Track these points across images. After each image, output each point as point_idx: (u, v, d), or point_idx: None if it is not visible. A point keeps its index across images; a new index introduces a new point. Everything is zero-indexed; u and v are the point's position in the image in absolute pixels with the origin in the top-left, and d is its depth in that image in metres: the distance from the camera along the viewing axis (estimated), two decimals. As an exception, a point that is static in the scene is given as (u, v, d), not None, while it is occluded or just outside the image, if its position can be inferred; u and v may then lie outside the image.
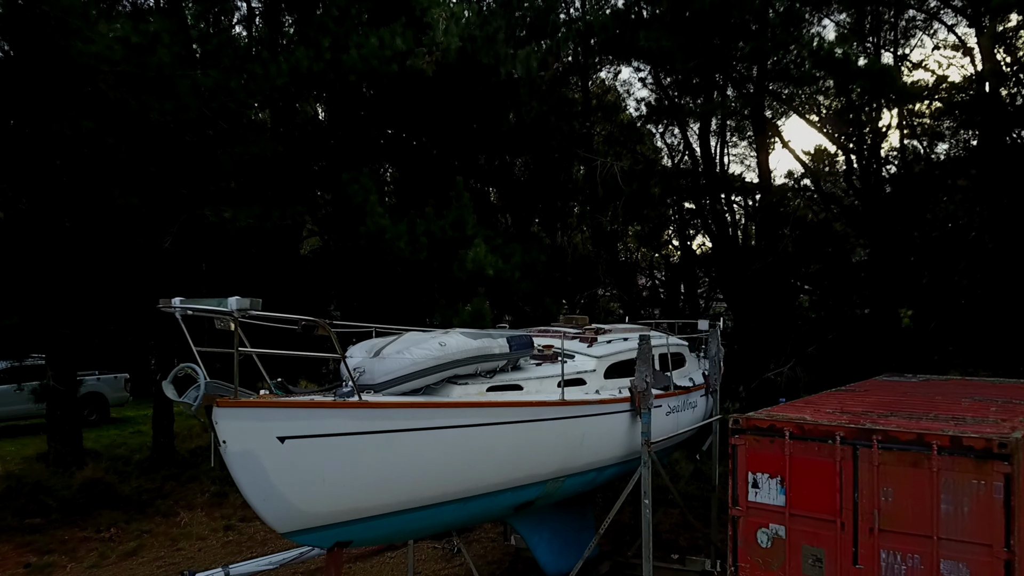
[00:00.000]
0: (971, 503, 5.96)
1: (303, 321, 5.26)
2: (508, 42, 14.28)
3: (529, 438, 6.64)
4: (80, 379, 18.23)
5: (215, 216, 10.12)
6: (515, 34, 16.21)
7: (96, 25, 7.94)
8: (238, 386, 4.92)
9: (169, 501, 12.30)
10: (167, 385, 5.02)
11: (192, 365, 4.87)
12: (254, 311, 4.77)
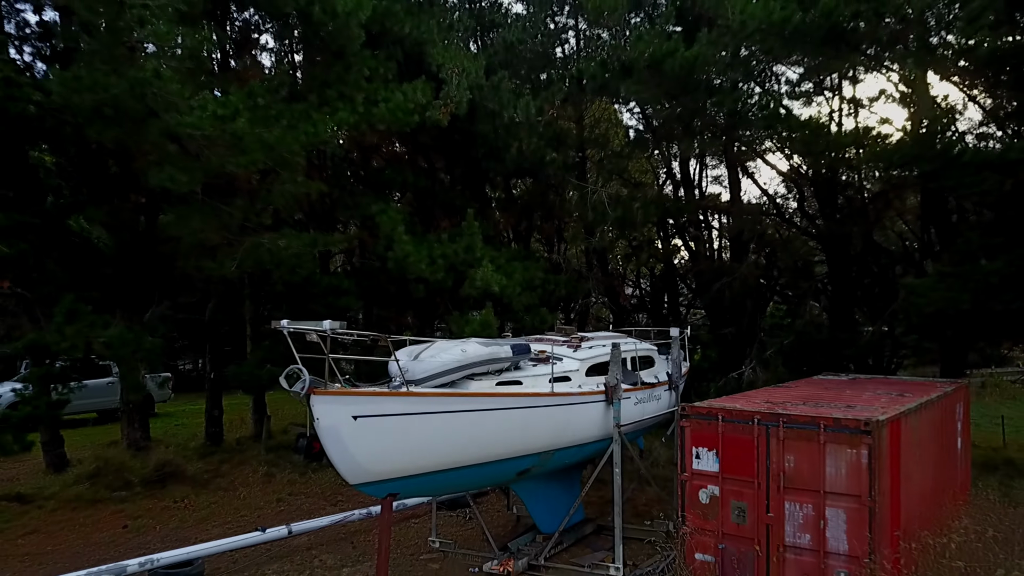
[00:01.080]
0: (846, 466, 8.04)
1: (371, 336, 7.37)
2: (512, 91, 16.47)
3: (527, 420, 8.74)
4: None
5: (272, 244, 12.24)
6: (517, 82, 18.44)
7: (191, 102, 10.09)
8: (327, 380, 7.02)
9: (227, 479, 14.43)
10: (282, 380, 7.07)
11: (299, 367, 6.95)
12: (340, 329, 6.88)
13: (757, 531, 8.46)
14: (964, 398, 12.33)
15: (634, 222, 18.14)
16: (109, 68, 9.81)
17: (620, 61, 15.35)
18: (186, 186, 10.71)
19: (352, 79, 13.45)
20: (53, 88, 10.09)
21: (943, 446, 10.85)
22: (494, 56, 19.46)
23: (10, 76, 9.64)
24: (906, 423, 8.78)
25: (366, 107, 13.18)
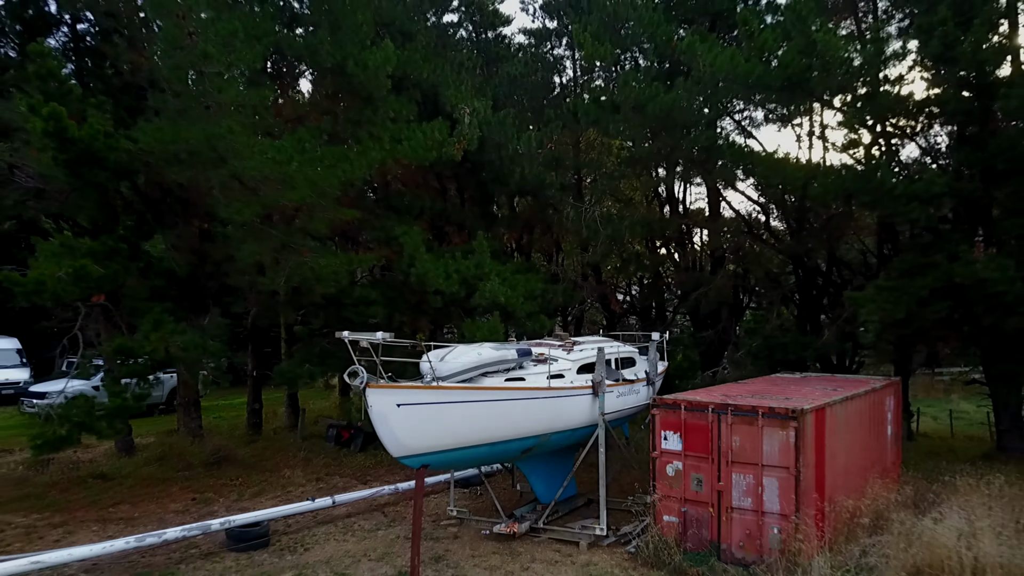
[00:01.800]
0: (778, 445, 10.08)
1: (411, 343, 9.44)
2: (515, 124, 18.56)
3: (529, 409, 10.81)
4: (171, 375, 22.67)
5: (314, 262, 14.32)
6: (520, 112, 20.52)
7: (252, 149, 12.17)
8: (379, 377, 9.09)
9: (271, 462, 16.52)
10: (346, 376, 9.11)
11: (358, 367, 9.00)
12: (388, 337, 8.94)
13: (711, 496, 10.52)
14: (895, 393, 14.39)
15: (623, 239, 20.22)
16: (189, 123, 11.89)
17: (611, 100, 17.43)
18: (247, 217, 12.77)
19: (380, 120, 15.53)
20: (141, 138, 12.17)
21: (871, 432, 12.91)
22: (499, 87, 21.61)
23: (109, 130, 11.68)
24: (831, 412, 10.83)
25: (392, 145, 15.23)
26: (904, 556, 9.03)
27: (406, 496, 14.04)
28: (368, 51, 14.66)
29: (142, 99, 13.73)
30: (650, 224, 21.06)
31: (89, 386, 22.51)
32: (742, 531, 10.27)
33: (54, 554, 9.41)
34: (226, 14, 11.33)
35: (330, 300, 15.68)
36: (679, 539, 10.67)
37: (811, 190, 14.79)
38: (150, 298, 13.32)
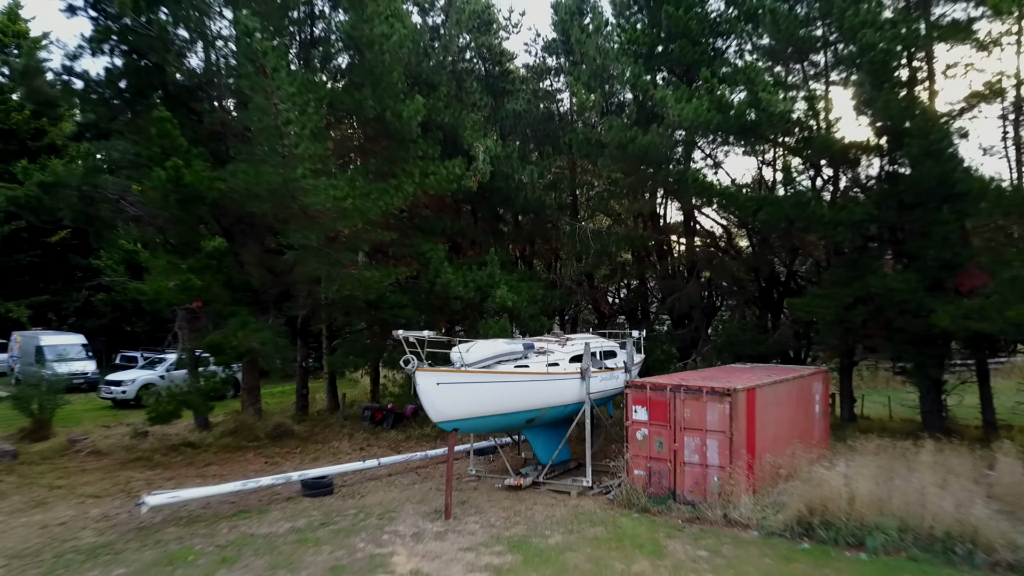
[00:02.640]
0: (718, 415, 13.15)
1: (447, 338, 12.54)
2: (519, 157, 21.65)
3: (532, 389, 13.90)
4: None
5: (360, 275, 17.42)
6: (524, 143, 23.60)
7: (318, 189, 15.26)
8: (424, 363, 12.20)
9: (321, 436, 19.63)
10: (402, 362, 12.19)
11: (410, 355, 12.07)
12: (432, 335, 12.04)
13: (669, 454, 13.61)
14: (823, 380, 17.48)
15: (611, 251, 23.31)
16: (269, 169, 15.01)
17: (598, 139, 20.52)
18: (312, 241, 15.87)
19: (411, 159, 18.63)
20: (230, 180, 15.28)
21: (799, 408, 15.97)
22: (505, 120, 24.74)
23: (209, 175, 14.78)
24: (760, 392, 13.89)
25: (421, 179, 18.35)
26: (805, 494, 12.11)
27: (433, 461, 17.14)
28: (402, 103, 17.76)
29: (220, 145, 16.86)
30: (634, 239, 24.14)
31: (156, 375, 25.85)
32: (692, 479, 13.36)
33: (197, 491, 12.60)
34: (301, 88, 14.42)
35: (370, 304, 18.81)
36: (645, 487, 13.75)
37: (760, 216, 17.84)
38: (232, 303, 16.43)
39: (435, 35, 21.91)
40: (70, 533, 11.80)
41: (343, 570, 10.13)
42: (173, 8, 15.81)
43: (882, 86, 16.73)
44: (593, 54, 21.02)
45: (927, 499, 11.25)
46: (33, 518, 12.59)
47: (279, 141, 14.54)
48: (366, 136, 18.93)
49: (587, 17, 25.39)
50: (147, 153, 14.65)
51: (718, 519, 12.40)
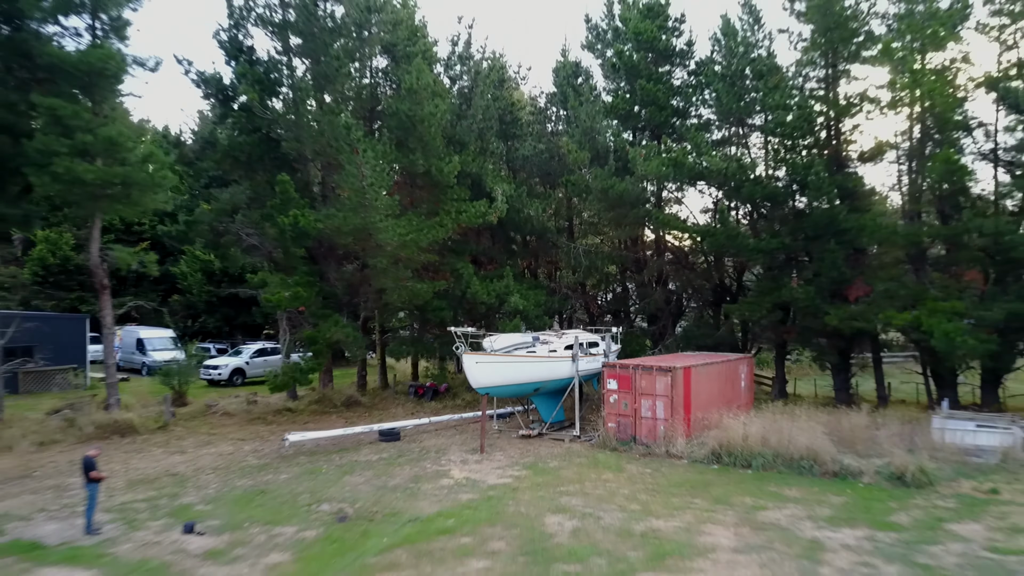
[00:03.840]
0: (663, 385, 18.51)
1: (484, 332, 18.01)
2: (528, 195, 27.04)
3: (538, 367, 19.34)
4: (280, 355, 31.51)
5: (414, 287, 22.84)
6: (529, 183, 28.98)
7: (388, 228, 20.71)
8: (466, 349, 17.64)
9: (380, 406, 25.00)
10: (455, 348, 17.60)
11: (460, 343, 17.48)
12: (473, 330, 17.46)
13: (631, 412, 18.99)
14: (748, 363, 22.85)
15: (599, 265, 28.73)
16: (354, 214, 20.45)
17: (587, 184, 25.93)
18: (382, 264, 21.30)
19: (449, 201, 24.01)
20: (326, 223, 20.71)
21: (727, 383, 21.34)
22: (515, 161, 30.13)
23: (312, 218, 20.22)
24: (695, 370, 19.23)
25: (456, 216, 23.73)
26: (718, 436, 17.49)
27: (466, 421, 22.55)
28: (443, 161, 23.17)
29: (311, 193, 22.33)
30: (616, 256, 29.50)
31: (242, 362, 31.29)
32: (646, 428, 18.76)
33: (316, 433, 18.08)
34: (378, 158, 19.85)
35: (419, 307, 24.27)
36: (615, 434, 19.16)
37: (705, 243, 23.20)
38: (324, 307, 21.90)
39: (464, 100, 27.26)
40: (238, 458, 17.29)
41: (421, 477, 15.57)
42: (285, 100, 21.25)
43: (791, 150, 22.14)
44: (583, 117, 26.37)
45: (791, 438, 16.63)
46: (209, 451, 18.08)
47: (363, 196, 19.99)
48: (416, 185, 24.26)
49: (580, 79, 30.80)
50: (270, 203, 20.11)
51: (662, 453, 17.79)
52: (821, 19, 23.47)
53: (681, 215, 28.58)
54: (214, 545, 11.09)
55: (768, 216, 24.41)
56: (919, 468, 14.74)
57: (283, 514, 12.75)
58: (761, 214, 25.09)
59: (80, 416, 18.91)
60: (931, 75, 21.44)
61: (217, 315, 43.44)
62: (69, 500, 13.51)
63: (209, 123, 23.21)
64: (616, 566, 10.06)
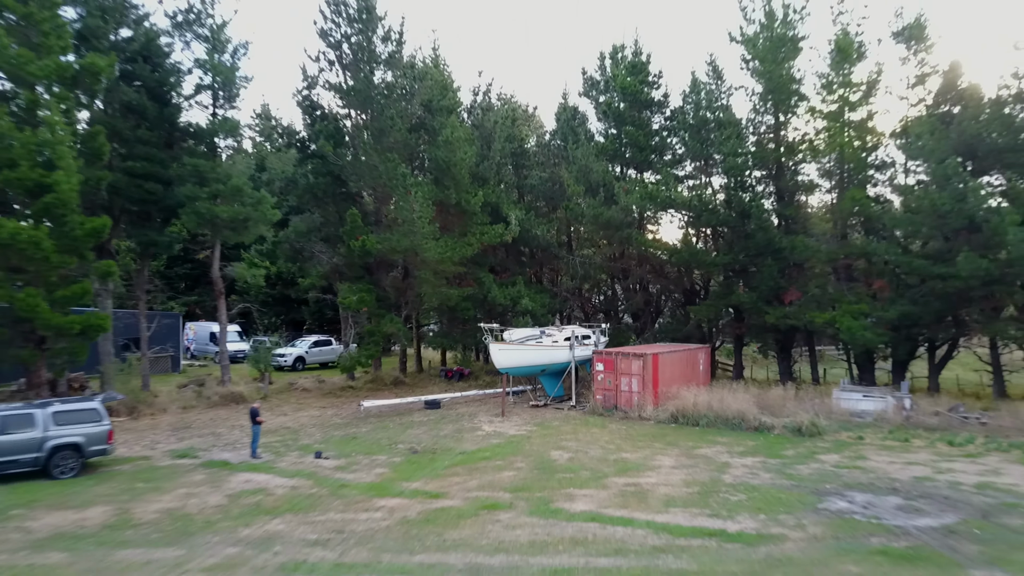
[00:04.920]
0: (638, 367, 23.79)
1: (503, 328, 23.34)
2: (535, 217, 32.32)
3: (543, 353, 24.63)
4: (332, 345, 36.97)
5: (449, 292, 28.17)
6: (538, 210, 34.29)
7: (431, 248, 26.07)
8: (492, 340, 22.96)
9: (420, 384, 30.38)
10: (484, 339, 22.89)
11: (488, 335, 22.78)
12: (497, 326, 22.77)
13: (614, 387, 24.26)
14: (706, 351, 28.09)
15: (593, 273, 34.02)
16: (405, 237, 25.78)
17: (582, 210, 31.22)
18: (426, 275, 26.63)
19: (475, 225, 29.29)
20: (383, 244, 26.03)
21: (688, 366, 26.57)
22: (525, 188, 35.42)
23: (374, 240, 25.52)
24: (662, 356, 24.47)
25: (480, 237, 28.96)
26: (676, 404, 22.77)
27: (488, 396, 27.83)
28: (470, 195, 28.46)
29: (367, 219, 27.69)
30: (607, 266, 34.79)
31: (303, 351, 36.71)
32: (624, 399, 24.01)
33: (381, 401, 23.45)
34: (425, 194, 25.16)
35: (450, 308, 29.59)
36: (602, 404, 24.43)
37: (674, 259, 28.45)
38: (379, 308, 27.25)
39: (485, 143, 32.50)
40: (327, 418, 22.64)
41: (462, 430, 20.88)
42: (350, 150, 26.57)
43: (739, 186, 27.39)
44: (580, 157, 31.59)
45: (728, 405, 21.90)
46: (303, 414, 23.41)
47: (413, 224, 25.34)
48: (449, 213, 29.55)
49: (577, 122, 36.00)
50: (343, 230, 25.45)
51: (635, 416, 23.05)
52: (768, 81, 28.67)
53: (659, 234, 33.95)
54: (337, 464, 16.46)
55: (723, 237, 29.69)
56: (812, 423, 20.01)
57: (374, 449, 18.13)
58: (718, 235, 30.38)
59: (206, 389, 24.30)
60: (848, 129, 26.68)
61: (270, 312, 48.81)
62: (228, 441, 18.92)
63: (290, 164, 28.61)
64: (596, 474, 15.35)
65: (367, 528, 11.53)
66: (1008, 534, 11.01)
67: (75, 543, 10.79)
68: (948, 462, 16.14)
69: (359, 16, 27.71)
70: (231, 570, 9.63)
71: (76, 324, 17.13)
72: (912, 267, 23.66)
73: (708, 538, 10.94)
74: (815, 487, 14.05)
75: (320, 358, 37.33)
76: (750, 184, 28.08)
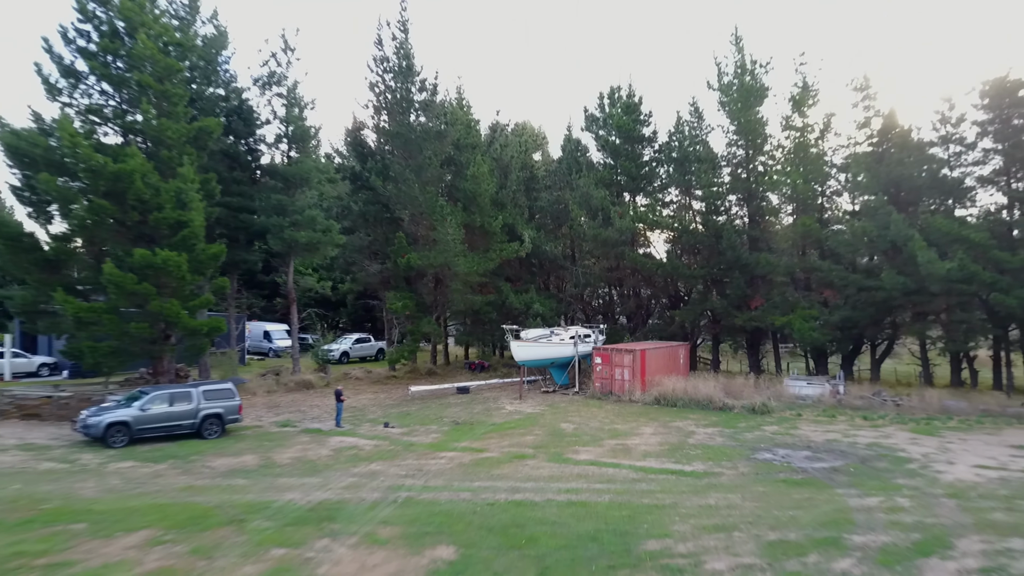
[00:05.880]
0: (629, 361, 28.36)
1: (517, 328, 28.02)
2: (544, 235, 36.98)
3: (552, 349, 29.27)
4: (371, 341, 41.70)
5: (475, 299, 32.85)
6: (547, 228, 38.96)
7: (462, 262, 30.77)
8: (512, 338, 27.61)
9: (449, 374, 35.03)
10: (506, 337, 27.52)
11: (509, 334, 27.40)
12: (516, 327, 27.41)
13: (610, 376, 28.86)
14: (686, 348, 32.67)
15: (593, 281, 38.64)
16: (440, 254, 30.47)
17: (584, 231, 35.82)
18: (457, 284, 31.29)
19: (495, 243, 33.92)
20: (422, 259, 30.72)
21: (671, 360, 31.15)
22: (535, 208, 40.08)
23: (417, 256, 30.16)
24: (648, 352, 29.04)
25: (499, 253, 33.61)
26: (660, 390, 27.37)
27: (507, 384, 32.46)
28: (492, 218, 33.09)
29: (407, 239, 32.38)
30: (604, 275, 39.37)
31: (348, 347, 41.48)
32: (618, 386, 28.60)
33: (423, 387, 28.15)
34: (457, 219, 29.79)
35: (474, 311, 34.24)
36: (600, 390, 29.03)
37: (659, 271, 33.05)
38: (418, 312, 31.94)
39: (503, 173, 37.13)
40: (381, 400, 27.33)
41: (490, 409, 25.51)
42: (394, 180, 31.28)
43: (714, 212, 31.98)
44: (582, 185, 36.20)
45: (699, 390, 26.51)
46: (361, 397, 28.06)
47: (447, 244, 30.02)
48: (475, 234, 34.14)
49: (579, 154, 40.58)
50: (391, 249, 30.13)
51: (627, 400, 27.62)
52: (739, 123, 33.24)
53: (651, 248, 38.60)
54: (402, 431, 21.15)
55: (701, 253, 34.32)
56: (763, 404, 24.59)
57: (426, 421, 22.80)
58: (696, 251, 35.01)
59: (282, 377, 29.05)
60: (800, 166, 31.24)
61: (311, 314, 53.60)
62: (312, 415, 23.61)
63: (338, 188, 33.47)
64: (594, 438, 19.95)
65: (437, 468, 16.20)
66: (871, 471, 15.63)
67: (247, 475, 15.49)
68: (856, 431, 20.73)
69: (400, 71, 32.39)
70: (358, 488, 14.31)
71: (204, 326, 21.83)
72: (848, 280, 28.19)
73: (670, 475, 15.55)
74: (752, 446, 18.66)
75: (360, 353, 42.02)
76: (724, 209, 32.66)
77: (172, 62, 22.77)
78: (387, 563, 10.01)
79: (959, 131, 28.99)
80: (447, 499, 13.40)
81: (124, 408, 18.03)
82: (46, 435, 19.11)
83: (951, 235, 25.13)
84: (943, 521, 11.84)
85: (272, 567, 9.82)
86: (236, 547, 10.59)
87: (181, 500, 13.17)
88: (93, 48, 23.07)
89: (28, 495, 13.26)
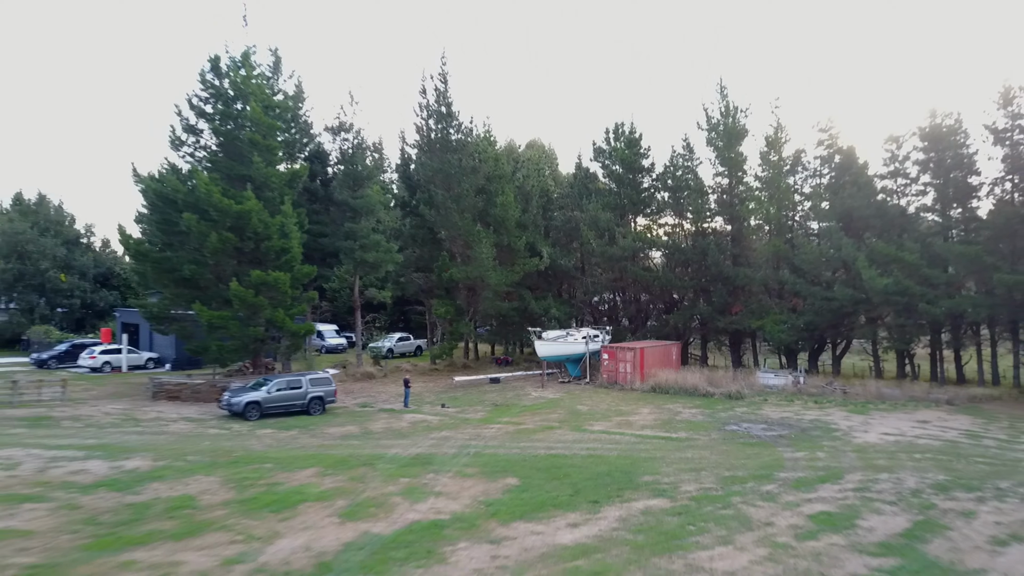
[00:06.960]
0: (630, 356, 33.15)
1: (539, 329, 33.00)
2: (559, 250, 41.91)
3: (567, 347, 34.13)
4: (411, 340, 46.77)
5: (502, 305, 37.89)
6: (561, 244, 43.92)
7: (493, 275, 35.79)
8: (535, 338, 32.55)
9: (480, 367, 40.00)
10: (531, 337, 32.46)
11: (533, 335, 32.33)
12: (540, 330, 32.37)
13: (615, 369, 33.74)
14: (677, 346, 37.48)
15: (599, 290, 43.53)
16: (474, 269, 35.50)
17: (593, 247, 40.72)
18: (488, 294, 36.27)
19: (519, 258, 38.86)
20: (460, 273, 35.72)
21: (665, 356, 35.93)
22: (551, 226, 45.06)
23: (463, 269, 35.13)
24: (646, 349, 33.85)
25: (522, 267, 38.52)
26: (655, 380, 32.24)
27: (529, 376, 37.39)
28: (517, 238, 38.07)
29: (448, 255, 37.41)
30: (609, 284, 44.23)
31: (392, 344, 46.65)
32: (621, 377, 33.43)
33: (465, 377, 33.17)
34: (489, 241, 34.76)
35: (501, 316, 39.21)
36: (607, 381, 33.89)
37: (656, 281, 37.95)
38: (456, 315, 36.95)
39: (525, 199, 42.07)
40: (430, 388, 32.33)
41: (519, 394, 30.46)
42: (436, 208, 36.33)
43: (700, 233, 36.83)
44: (591, 208, 41.08)
45: (687, 380, 31.37)
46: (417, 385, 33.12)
47: (482, 260, 35.01)
48: (502, 251, 39.01)
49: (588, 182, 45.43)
50: (436, 265, 35.14)
51: (629, 389, 32.46)
52: (724, 158, 38.06)
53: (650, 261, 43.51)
54: (456, 411, 26.19)
55: (691, 267, 39.21)
56: (738, 392, 29.41)
57: (472, 403, 27.79)
58: (687, 265, 39.88)
59: (348, 369, 34.14)
60: (773, 196, 36.04)
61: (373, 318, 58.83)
62: (382, 399, 28.64)
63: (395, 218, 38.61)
64: (604, 416, 24.80)
65: (490, 435, 21.19)
66: (807, 437, 20.49)
67: (356, 438, 20.54)
68: (806, 411, 25.57)
69: (441, 115, 37.39)
70: (439, 446, 19.31)
71: (302, 329, 26.93)
72: (809, 292, 33.00)
73: (661, 440, 20.44)
74: (724, 421, 23.54)
75: (402, 349, 47.04)
76: (710, 230, 37.52)
77: (273, 122, 27.84)
78: (476, 485, 14.98)
79: (904, 167, 33.74)
80: (504, 453, 18.36)
81: (256, 391, 23.10)
82: (195, 411, 24.23)
83: (889, 256, 29.87)
84: (843, 465, 16.73)
85: (405, 487, 14.82)
86: (376, 477, 15.60)
87: (324, 452, 18.20)
88: (210, 110, 28.16)
89: (219, 448, 18.35)
